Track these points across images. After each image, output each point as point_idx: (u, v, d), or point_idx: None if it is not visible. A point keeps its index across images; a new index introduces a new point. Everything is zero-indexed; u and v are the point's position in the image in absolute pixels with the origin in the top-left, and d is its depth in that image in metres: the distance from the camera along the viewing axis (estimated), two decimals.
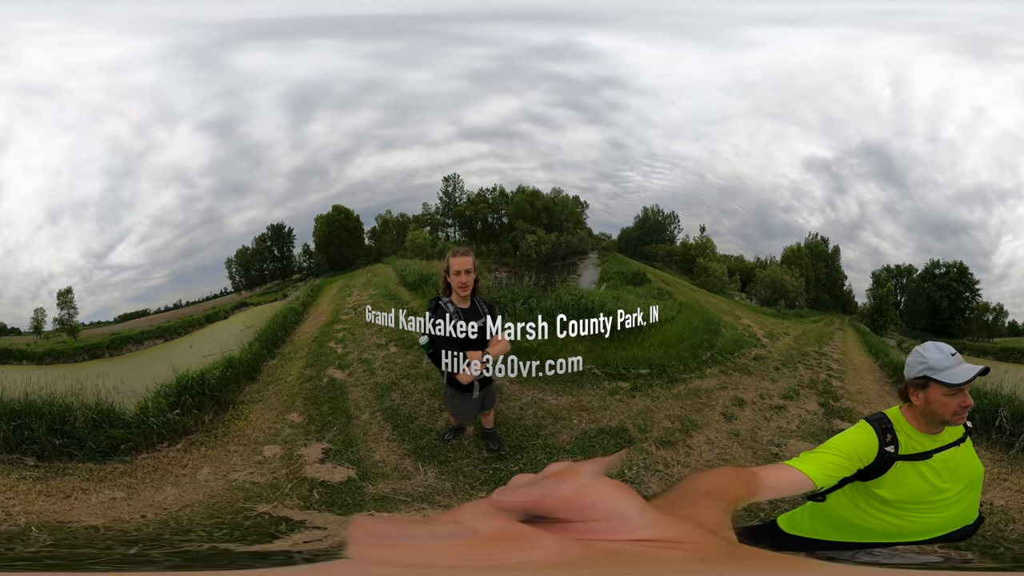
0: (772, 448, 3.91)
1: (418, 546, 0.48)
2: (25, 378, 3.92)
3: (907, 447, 1.95)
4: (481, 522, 0.49)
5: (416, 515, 3.20)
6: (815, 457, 1.83)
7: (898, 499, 1.94)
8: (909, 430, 1.97)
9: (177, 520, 3.04)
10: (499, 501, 0.52)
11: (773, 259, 5.12)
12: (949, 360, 1.93)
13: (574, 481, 0.52)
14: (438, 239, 4.89)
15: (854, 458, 1.89)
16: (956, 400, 1.92)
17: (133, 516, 3.09)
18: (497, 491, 0.52)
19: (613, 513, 0.51)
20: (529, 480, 0.55)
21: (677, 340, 4.50)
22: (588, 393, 4.11)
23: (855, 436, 1.95)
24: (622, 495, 0.53)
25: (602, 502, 0.51)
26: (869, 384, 4.68)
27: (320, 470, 3.51)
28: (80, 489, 3.32)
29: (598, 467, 0.55)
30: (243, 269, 4.59)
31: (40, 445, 3.58)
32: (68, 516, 3.08)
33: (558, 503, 0.51)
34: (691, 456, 3.77)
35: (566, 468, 0.55)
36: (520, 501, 0.51)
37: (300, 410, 3.98)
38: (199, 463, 3.56)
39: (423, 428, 3.83)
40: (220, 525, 2.97)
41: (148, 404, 3.75)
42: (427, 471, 3.56)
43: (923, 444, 1.97)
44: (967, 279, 4.76)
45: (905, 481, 1.94)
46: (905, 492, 1.94)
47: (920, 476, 1.95)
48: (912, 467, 1.95)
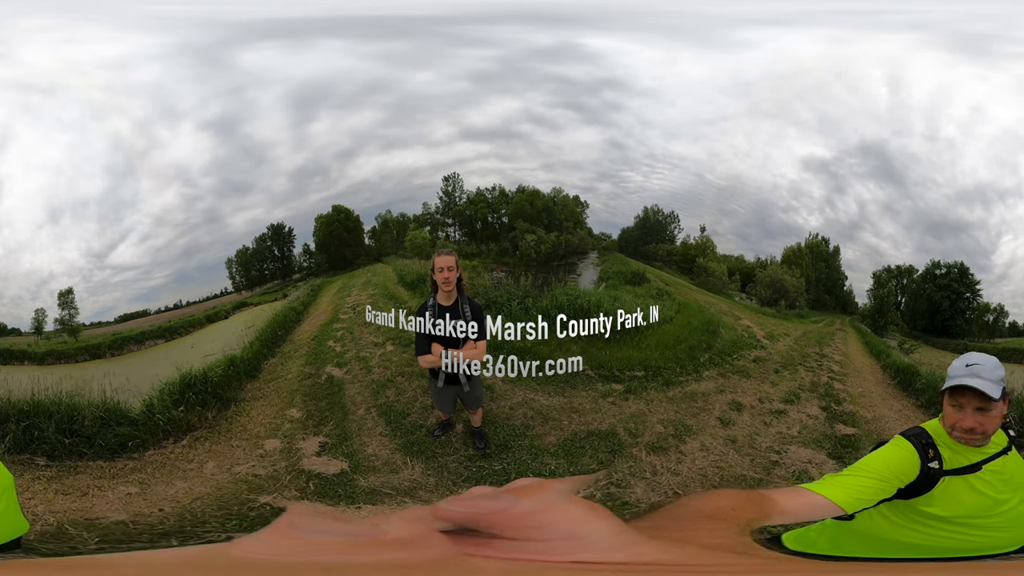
0: (771, 455, 3.90)
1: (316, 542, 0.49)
2: (31, 378, 4.09)
3: (952, 461, 1.87)
4: (395, 525, 0.51)
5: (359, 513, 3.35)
6: (844, 481, 1.74)
7: (955, 516, 1.85)
8: (951, 443, 1.89)
9: (192, 512, 3.25)
10: (441, 510, 0.53)
11: (773, 259, 5.24)
12: (961, 369, 1.87)
13: (537, 498, 0.52)
14: (438, 239, 5.06)
15: (892, 479, 1.80)
16: (955, 415, 1.86)
17: (152, 510, 3.29)
18: (446, 499, 0.54)
19: (571, 534, 0.51)
20: (487, 493, 0.55)
21: (674, 341, 4.61)
22: (580, 394, 4.19)
23: (892, 454, 1.86)
24: (591, 517, 0.52)
25: (559, 523, 0.51)
26: (872, 386, 4.75)
27: (316, 463, 3.74)
28: (95, 486, 3.51)
29: (569, 486, 0.55)
30: (243, 269, 4.75)
31: (50, 444, 3.75)
32: (92, 513, 3.26)
33: (502, 519, 0.51)
34: (683, 463, 3.79)
35: (533, 484, 0.55)
36: (460, 512, 0.52)
37: (299, 406, 4.19)
38: (204, 458, 3.77)
39: (415, 424, 4.04)
40: (230, 516, 3.20)
41: (154, 402, 3.94)
42: (415, 466, 3.76)
43: (969, 457, 1.88)
44: (968, 279, 4.88)
45: (958, 496, 1.86)
46: (961, 508, 1.85)
47: (974, 490, 1.86)
48: (963, 481, 1.86)
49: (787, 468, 3.81)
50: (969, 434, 1.84)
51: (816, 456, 3.93)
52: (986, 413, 1.83)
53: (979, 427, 1.83)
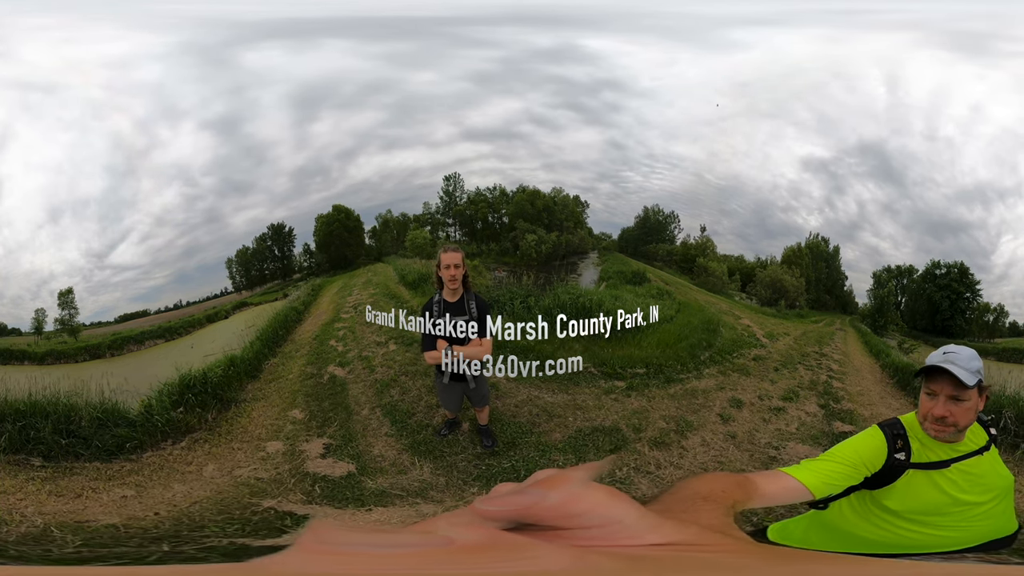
0: (770, 451, 3.99)
1: (378, 555, 0.47)
2: (28, 378, 4.11)
3: (920, 455, 1.86)
4: (457, 531, 0.49)
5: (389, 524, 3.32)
6: (815, 465, 1.75)
7: (907, 510, 1.86)
8: (923, 437, 1.87)
9: (190, 517, 3.25)
10: (482, 510, 0.52)
11: (773, 259, 5.34)
12: (937, 356, 1.85)
13: (563, 489, 0.53)
14: (438, 239, 5.15)
15: (859, 465, 1.81)
16: (928, 403, 1.84)
17: (147, 514, 3.27)
18: (479, 499, 0.53)
19: (609, 519, 0.52)
20: (512, 489, 0.55)
21: (675, 340, 4.69)
22: (583, 392, 4.27)
23: (863, 442, 1.88)
24: (615, 501, 0.53)
25: (595, 509, 0.52)
26: (870, 385, 4.82)
27: (321, 465, 3.76)
28: (90, 488, 3.51)
29: (586, 473, 0.56)
30: (243, 269, 4.82)
31: (46, 445, 3.76)
32: (83, 516, 3.24)
33: (547, 511, 0.52)
34: (684, 458, 3.87)
35: (554, 475, 0.56)
36: (504, 510, 0.52)
37: (301, 407, 4.22)
38: (204, 460, 3.79)
39: (420, 424, 4.08)
40: (231, 520, 3.20)
41: (152, 403, 3.97)
42: (423, 466, 3.79)
43: (938, 453, 1.87)
44: (968, 279, 4.95)
45: (916, 491, 1.85)
46: (915, 503, 1.85)
47: (934, 486, 1.86)
48: (926, 476, 1.86)
49: (785, 463, 3.90)
50: (939, 424, 1.81)
51: (813, 452, 3.97)
52: (959, 403, 1.80)
53: (950, 416, 1.80)
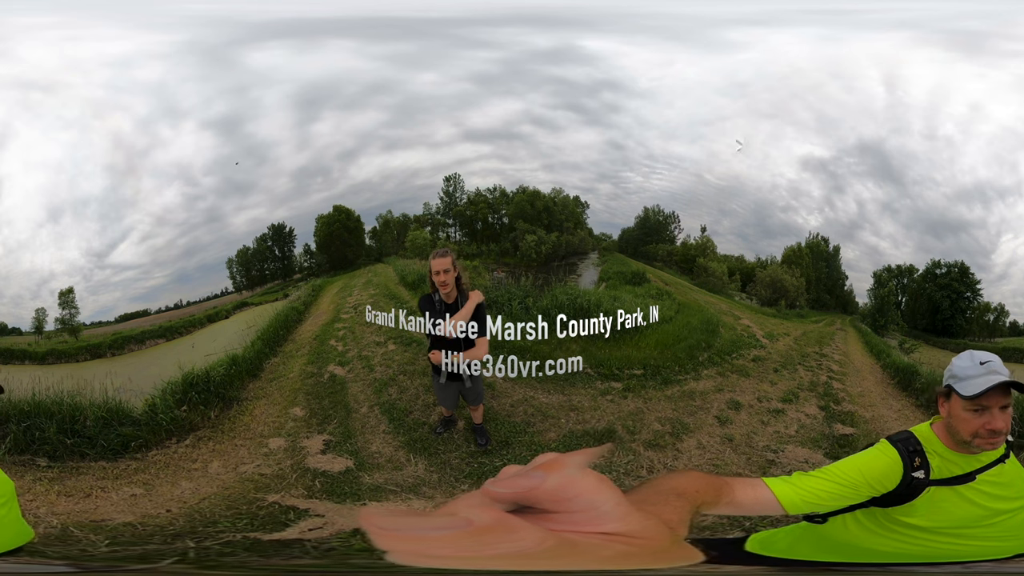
0: (768, 454, 3.97)
1: (425, 537, 0.51)
2: (31, 378, 4.18)
3: (941, 470, 1.76)
4: (475, 513, 0.53)
5: (407, 506, 3.48)
6: (802, 480, 1.66)
7: (939, 527, 1.76)
8: (942, 450, 1.78)
9: (201, 513, 3.35)
10: (492, 492, 0.56)
11: (773, 259, 5.36)
12: (975, 368, 1.73)
13: (560, 473, 0.57)
14: (438, 239, 5.21)
15: (861, 486, 1.71)
16: (978, 419, 1.71)
17: (159, 511, 3.36)
18: (489, 482, 0.57)
19: (591, 505, 0.56)
20: (518, 471, 0.59)
21: (674, 340, 4.75)
22: (579, 393, 4.33)
23: (870, 461, 1.76)
24: (601, 488, 0.57)
25: (583, 494, 0.56)
26: (871, 386, 4.84)
27: (321, 460, 3.87)
28: (99, 488, 3.59)
29: (583, 459, 0.60)
30: (244, 269, 4.88)
31: (51, 445, 3.83)
32: (96, 515, 3.31)
33: (544, 494, 0.56)
34: (679, 460, 3.90)
35: (553, 459, 0.60)
36: (511, 492, 0.56)
37: (302, 404, 4.32)
38: (208, 457, 3.89)
39: (417, 422, 4.19)
40: (240, 516, 3.30)
41: (156, 402, 4.06)
42: (418, 463, 3.90)
43: (960, 465, 1.77)
44: (968, 279, 4.99)
45: (945, 508, 1.76)
46: (947, 519, 1.76)
47: (965, 500, 1.76)
48: (952, 492, 1.76)
49: (783, 467, 3.92)
50: (996, 436, 1.71)
51: (813, 456, 4.03)
52: (1006, 411, 1.72)
53: (1006, 427, 1.72)
